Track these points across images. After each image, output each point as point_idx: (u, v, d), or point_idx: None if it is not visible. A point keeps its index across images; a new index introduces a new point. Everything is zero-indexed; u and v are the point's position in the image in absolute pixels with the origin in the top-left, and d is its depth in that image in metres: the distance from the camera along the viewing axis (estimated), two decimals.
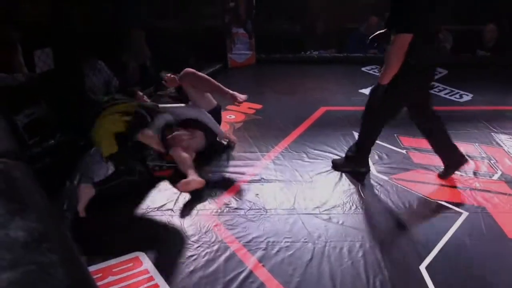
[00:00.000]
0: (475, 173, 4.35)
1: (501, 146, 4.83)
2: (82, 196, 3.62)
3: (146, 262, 3.19)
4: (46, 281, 0.58)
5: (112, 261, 3.19)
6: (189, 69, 4.55)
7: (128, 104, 4.05)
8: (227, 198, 3.91)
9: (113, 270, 3.13)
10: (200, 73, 4.57)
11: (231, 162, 4.43)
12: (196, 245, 3.37)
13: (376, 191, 4.05)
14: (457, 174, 4.30)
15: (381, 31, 4.03)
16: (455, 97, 5.98)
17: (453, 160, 4.18)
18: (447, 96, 5.96)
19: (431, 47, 3.79)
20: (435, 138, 4.17)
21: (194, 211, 3.73)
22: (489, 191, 4.11)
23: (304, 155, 4.54)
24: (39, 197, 0.77)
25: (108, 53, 5.62)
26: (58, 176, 3.98)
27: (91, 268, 3.11)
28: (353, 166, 4.28)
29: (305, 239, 3.46)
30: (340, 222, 3.65)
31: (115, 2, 6.12)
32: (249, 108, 5.40)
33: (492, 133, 5.08)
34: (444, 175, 4.23)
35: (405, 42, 3.53)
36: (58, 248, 0.64)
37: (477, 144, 4.86)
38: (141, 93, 4.94)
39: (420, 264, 3.26)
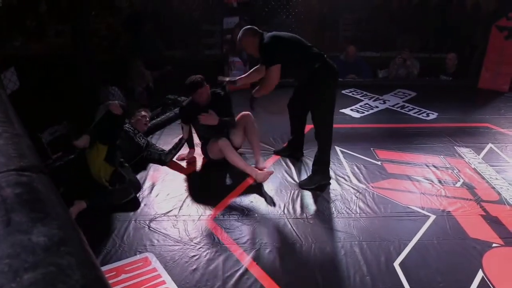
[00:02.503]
0: (440, 182, 4.36)
1: (463, 158, 4.84)
2: (73, 210, 3.61)
3: (154, 262, 3.18)
4: (64, 281, 0.58)
5: (125, 261, 3.19)
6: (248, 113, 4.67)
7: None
8: (225, 204, 3.90)
9: (126, 269, 3.12)
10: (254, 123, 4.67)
11: (229, 172, 4.42)
12: (198, 247, 3.36)
13: (356, 198, 4.05)
14: (425, 182, 4.31)
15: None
16: (422, 116, 6.00)
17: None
18: (415, 115, 5.98)
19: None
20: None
21: (196, 217, 3.72)
22: (453, 197, 4.12)
23: (292, 166, 4.55)
24: (59, 206, 0.77)
25: (119, 79, 5.64)
26: (77, 185, 4.01)
27: (106, 267, 3.11)
28: (320, 180, 4.25)
29: (293, 240, 3.46)
30: (325, 225, 3.65)
31: (128, 34, 6.16)
32: None
33: (455, 147, 5.09)
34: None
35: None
36: (75, 252, 0.64)
37: (442, 156, 4.87)
38: (144, 113, 4.94)
39: (394, 261, 3.26)
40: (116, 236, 3.45)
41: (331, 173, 4.41)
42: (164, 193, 4.05)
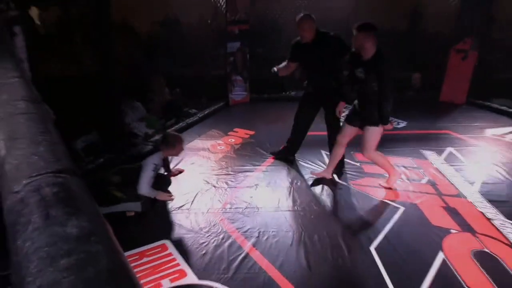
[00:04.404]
0: (409, 179, 4.37)
1: (427, 159, 4.85)
2: None
3: (170, 248, 3.19)
4: (93, 265, 0.59)
5: (146, 247, 3.19)
6: None
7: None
8: (229, 199, 3.90)
9: (147, 253, 3.13)
10: None
11: (232, 173, 4.42)
12: (206, 235, 3.36)
13: (339, 193, 4.05)
14: (398, 180, 4.31)
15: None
16: (394, 124, 6.01)
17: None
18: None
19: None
20: None
21: (205, 210, 3.73)
22: (419, 192, 4.12)
23: (286, 168, 4.55)
24: (90, 203, 0.78)
25: (141, 95, 5.66)
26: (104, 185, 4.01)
27: (131, 252, 3.12)
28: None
29: (287, 229, 3.46)
30: (313, 216, 3.66)
31: (147, 56, 6.17)
32: (245, 134, 5.42)
33: (421, 150, 5.09)
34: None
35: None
36: (102, 241, 0.65)
37: (410, 158, 4.88)
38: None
39: (370, 245, 3.26)
40: (138, 226, 3.46)
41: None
42: (178, 190, 4.04)
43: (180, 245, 3.23)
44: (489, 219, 3.66)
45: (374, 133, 3.84)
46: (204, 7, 6.57)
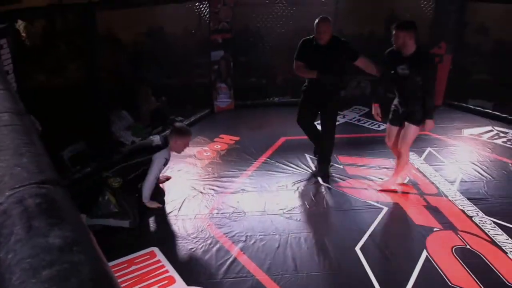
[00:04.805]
0: None
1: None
2: None
3: (159, 255, 3.16)
4: (76, 276, 0.57)
5: (134, 254, 3.16)
6: None
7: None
8: (216, 205, 3.88)
9: (135, 261, 3.10)
10: None
11: (219, 178, 4.39)
12: (194, 240, 3.34)
13: (323, 196, 4.06)
14: (379, 181, 4.34)
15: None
16: (375, 127, 6.04)
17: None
18: (369, 126, 6.02)
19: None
20: None
21: (192, 216, 3.70)
22: (401, 192, 4.15)
23: (271, 172, 4.53)
24: (72, 213, 0.76)
25: (128, 104, 5.61)
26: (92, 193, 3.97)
27: (119, 260, 3.08)
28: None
29: (273, 232, 3.45)
30: (298, 219, 3.66)
31: (133, 66, 6.13)
32: (231, 140, 5.40)
33: None
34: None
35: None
36: (85, 251, 0.63)
37: (391, 159, 4.89)
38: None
39: (355, 246, 3.28)
40: (125, 234, 3.41)
41: (303, 176, 4.42)
42: (165, 197, 3.98)
43: (168, 251, 3.20)
44: (469, 217, 3.71)
45: (414, 131, 3.87)
46: (188, 17, 6.54)
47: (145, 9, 5.72)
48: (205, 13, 6.31)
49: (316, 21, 4.12)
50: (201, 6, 6.23)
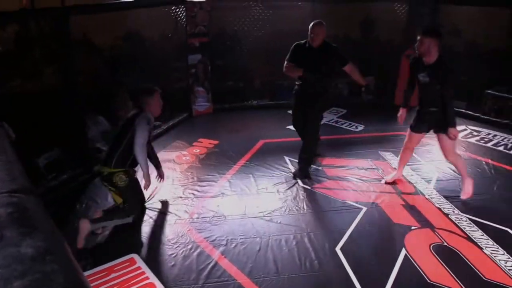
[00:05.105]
0: (369, 180, 4.45)
1: (386, 160, 4.96)
2: (81, 230, 3.26)
3: (139, 261, 3.11)
4: (49, 285, 0.55)
5: (114, 262, 3.11)
6: None
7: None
8: (196, 209, 3.85)
9: (114, 269, 3.05)
10: None
11: (198, 183, 4.36)
12: (175, 246, 3.31)
13: (303, 197, 4.07)
14: (357, 181, 4.39)
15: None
16: (352, 128, 6.11)
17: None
18: (347, 128, 6.08)
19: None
20: None
21: (173, 221, 3.66)
22: (379, 192, 4.20)
23: (250, 175, 4.52)
24: (46, 222, 0.74)
25: (105, 109, 5.52)
26: (70, 201, 3.90)
27: (98, 268, 3.03)
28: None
29: (254, 235, 3.45)
30: (279, 221, 3.66)
31: (110, 71, 6.05)
32: (209, 143, 5.37)
33: (379, 151, 5.20)
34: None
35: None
36: (58, 260, 0.62)
37: (369, 159, 4.97)
38: None
39: (336, 246, 3.30)
40: (105, 242, 3.35)
41: (282, 178, 4.43)
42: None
43: (148, 258, 3.16)
44: (446, 214, 3.78)
45: (449, 140, 3.86)
46: (165, 21, 6.50)
47: (121, 13, 5.65)
48: (182, 17, 6.28)
49: (311, 24, 4.30)
50: (178, 10, 6.20)
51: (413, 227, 3.58)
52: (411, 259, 3.15)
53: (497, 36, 6.65)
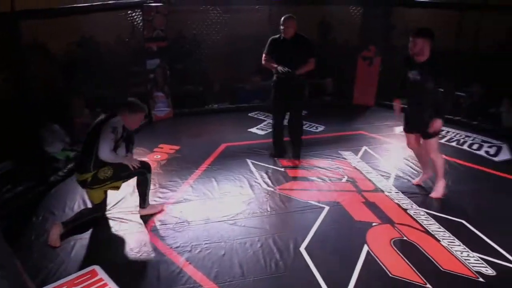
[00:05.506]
0: (330, 179, 4.52)
1: (345, 159, 5.05)
2: (53, 231, 3.32)
3: (101, 273, 3.01)
4: None
5: (74, 275, 3.00)
6: None
7: None
8: (159, 217, 3.78)
9: (75, 282, 2.94)
10: None
11: (160, 189, 4.28)
12: (138, 255, 3.23)
13: (266, 199, 4.08)
14: (319, 181, 4.45)
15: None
16: (313, 129, 6.20)
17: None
18: (307, 129, 6.13)
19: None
20: None
21: (135, 229, 3.57)
22: (340, 190, 4.28)
23: (213, 179, 4.49)
24: None
25: (61, 117, 5.34)
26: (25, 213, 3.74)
27: (58, 283, 2.91)
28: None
29: (218, 240, 3.42)
30: (243, 225, 3.65)
31: (66, 78, 5.86)
32: (171, 149, 5.29)
33: (339, 151, 5.29)
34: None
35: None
36: (9, 276, 0.59)
37: (330, 159, 5.05)
38: None
39: (300, 246, 3.32)
40: (64, 254, 3.22)
41: (245, 181, 4.43)
42: (102, 212, 3.80)
43: (110, 269, 3.06)
44: (404, 209, 3.90)
45: (434, 140, 3.92)
46: (121, 25, 6.36)
47: (76, 18, 5.47)
48: (139, 21, 6.18)
49: (282, 18, 4.62)
50: (134, 14, 6.10)
51: (374, 224, 3.66)
52: (373, 255, 3.22)
53: (446, 37, 6.95)
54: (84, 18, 5.60)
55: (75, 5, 5.09)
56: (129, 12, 6.03)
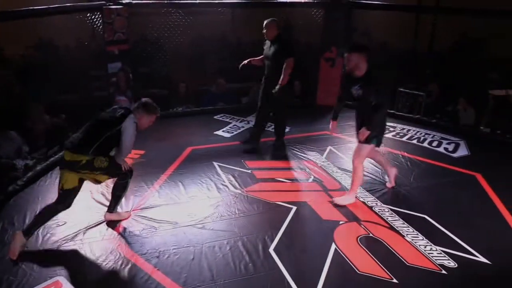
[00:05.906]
0: (297, 180, 4.56)
1: (311, 159, 5.11)
2: (15, 242, 3.16)
3: (65, 284, 2.91)
4: None
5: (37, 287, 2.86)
6: None
7: None
8: (125, 223, 3.69)
9: None
10: None
11: (125, 196, 4.18)
12: (104, 263, 3.14)
13: (234, 202, 4.07)
14: (286, 182, 4.47)
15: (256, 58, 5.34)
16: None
17: None
18: (273, 130, 6.16)
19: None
20: None
21: (100, 238, 3.47)
22: (307, 190, 4.32)
23: (180, 183, 4.44)
24: None
25: (18, 124, 5.12)
26: None
27: None
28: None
29: (187, 244, 3.38)
30: (211, 228, 3.62)
31: (23, 83, 5.64)
32: (135, 154, 5.19)
33: (305, 151, 5.35)
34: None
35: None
36: None
37: (296, 160, 5.09)
38: None
39: (269, 247, 3.33)
40: (26, 266, 3.08)
41: (212, 184, 4.40)
42: (65, 220, 3.64)
43: (75, 279, 2.96)
44: (370, 207, 3.98)
45: (366, 148, 3.94)
46: (80, 28, 6.20)
47: (33, 21, 5.28)
48: (98, 24, 6.03)
49: (264, 22, 5.07)
50: (93, 16, 5.94)
51: (341, 222, 3.72)
52: (341, 253, 3.27)
53: (404, 37, 7.17)
54: (42, 21, 5.42)
55: (32, 8, 4.89)
56: (88, 14, 5.88)
